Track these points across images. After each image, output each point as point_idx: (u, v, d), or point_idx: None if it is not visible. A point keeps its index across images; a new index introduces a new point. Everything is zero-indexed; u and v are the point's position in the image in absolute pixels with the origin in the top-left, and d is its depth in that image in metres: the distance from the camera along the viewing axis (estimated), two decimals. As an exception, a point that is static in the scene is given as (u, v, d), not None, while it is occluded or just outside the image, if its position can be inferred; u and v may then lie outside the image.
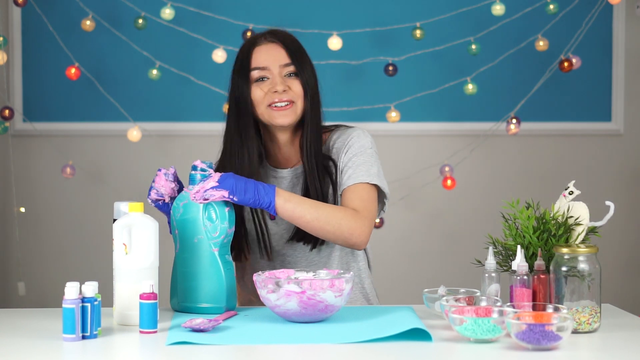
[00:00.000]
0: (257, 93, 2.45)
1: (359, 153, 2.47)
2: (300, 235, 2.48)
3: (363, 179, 2.43)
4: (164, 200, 2.30)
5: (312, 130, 2.47)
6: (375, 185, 2.45)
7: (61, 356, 1.89)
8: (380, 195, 2.50)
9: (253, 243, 2.52)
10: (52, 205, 4.18)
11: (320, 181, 2.46)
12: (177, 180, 2.31)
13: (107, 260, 2.44)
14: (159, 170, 2.30)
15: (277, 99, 2.43)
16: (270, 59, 2.46)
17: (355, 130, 2.52)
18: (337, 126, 2.57)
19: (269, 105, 2.44)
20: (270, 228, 2.51)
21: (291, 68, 2.45)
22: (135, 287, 2.09)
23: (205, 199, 2.20)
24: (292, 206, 2.29)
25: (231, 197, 2.21)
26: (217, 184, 2.20)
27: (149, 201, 2.30)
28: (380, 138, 3.64)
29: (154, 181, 2.30)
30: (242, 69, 2.47)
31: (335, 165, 2.49)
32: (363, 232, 2.37)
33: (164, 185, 2.29)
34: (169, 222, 2.29)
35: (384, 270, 3.87)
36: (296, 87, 2.45)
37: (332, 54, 4.03)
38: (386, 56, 4.07)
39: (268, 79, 2.45)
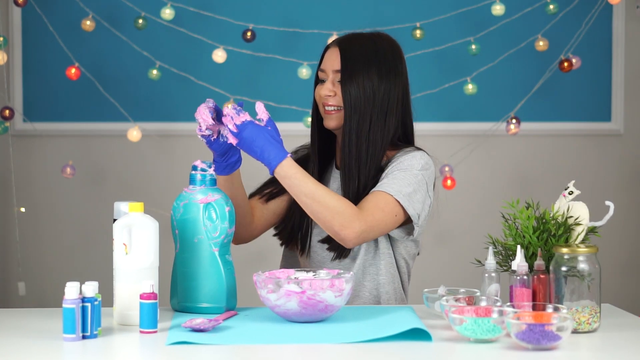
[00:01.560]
0: (317, 93, 2.52)
1: (404, 169, 2.43)
2: (327, 240, 2.50)
3: (390, 190, 2.39)
4: (210, 135, 2.32)
5: (351, 140, 2.45)
6: (402, 206, 2.40)
7: (61, 356, 1.89)
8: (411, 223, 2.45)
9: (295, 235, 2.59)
10: (52, 205, 4.18)
11: (359, 188, 2.45)
12: (217, 111, 2.33)
13: (107, 260, 2.45)
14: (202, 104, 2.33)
15: (328, 102, 2.48)
16: (328, 62, 2.50)
17: (418, 152, 2.49)
18: (410, 147, 2.53)
19: (323, 106, 2.50)
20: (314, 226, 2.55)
21: (340, 76, 2.48)
22: (136, 287, 2.09)
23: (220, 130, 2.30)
24: (293, 173, 2.29)
25: (238, 147, 2.28)
26: (236, 130, 2.26)
27: (199, 137, 2.33)
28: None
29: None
30: (317, 69, 2.56)
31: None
32: (354, 232, 2.31)
33: (203, 119, 2.30)
34: (214, 161, 2.36)
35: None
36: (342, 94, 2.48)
37: (332, 54, 4.03)
38: (386, 56, 4.07)
39: (325, 81, 2.50)
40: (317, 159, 2.56)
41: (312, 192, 2.29)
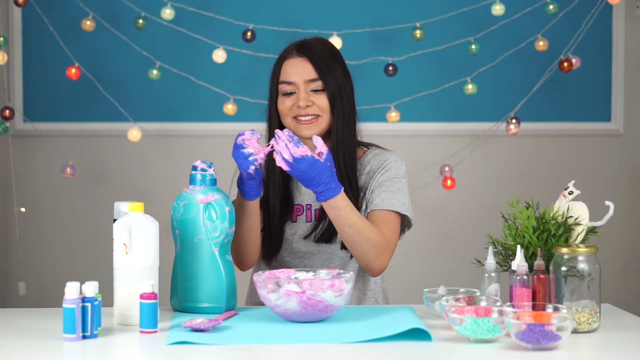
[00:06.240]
0: (283, 105, 2.50)
1: (394, 179, 2.51)
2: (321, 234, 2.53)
3: (396, 207, 2.47)
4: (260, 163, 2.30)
5: (342, 141, 2.49)
6: (402, 215, 2.50)
7: (61, 356, 1.89)
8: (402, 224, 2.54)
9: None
10: (52, 205, 4.18)
11: (352, 190, 2.49)
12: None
13: (107, 260, 2.45)
14: (241, 135, 2.28)
15: (303, 112, 2.47)
16: (296, 73, 2.49)
17: (393, 155, 2.56)
18: (370, 145, 2.60)
19: (294, 118, 2.48)
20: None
21: (317, 84, 2.48)
22: (136, 287, 2.09)
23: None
24: (344, 206, 2.32)
25: (290, 174, 2.27)
26: (292, 160, 2.24)
27: (245, 173, 2.29)
28: (380, 138, 3.65)
29: (242, 148, 2.27)
30: (273, 80, 2.53)
31: (357, 183, 2.51)
32: (383, 264, 2.44)
33: (257, 148, 2.28)
34: (245, 185, 2.32)
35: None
36: (321, 101, 2.48)
37: (332, 54, 4.03)
38: (386, 56, 4.08)
39: (295, 93, 2.48)
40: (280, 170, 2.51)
41: (355, 224, 2.35)
